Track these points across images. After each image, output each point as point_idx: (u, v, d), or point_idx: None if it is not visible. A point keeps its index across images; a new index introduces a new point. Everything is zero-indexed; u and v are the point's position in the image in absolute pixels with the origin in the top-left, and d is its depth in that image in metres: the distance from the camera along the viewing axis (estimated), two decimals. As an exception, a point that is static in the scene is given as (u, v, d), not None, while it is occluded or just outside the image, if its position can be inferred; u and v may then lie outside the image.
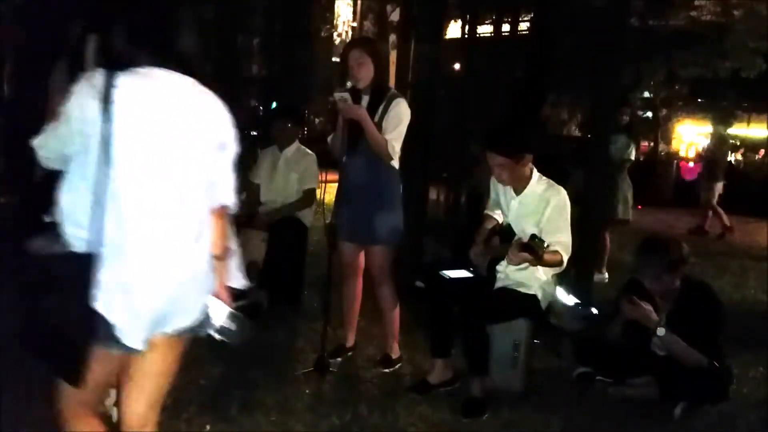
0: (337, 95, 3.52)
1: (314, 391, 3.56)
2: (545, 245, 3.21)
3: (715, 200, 9.80)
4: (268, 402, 3.37)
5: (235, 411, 3.26)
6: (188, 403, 3.30)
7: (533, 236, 3.25)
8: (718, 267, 7.36)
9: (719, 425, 3.53)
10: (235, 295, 3.94)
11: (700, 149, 15.81)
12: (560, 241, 3.38)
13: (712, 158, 9.89)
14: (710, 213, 9.92)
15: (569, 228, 3.48)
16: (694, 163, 13.41)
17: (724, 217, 9.79)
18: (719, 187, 9.86)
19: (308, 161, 4.97)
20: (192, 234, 1.99)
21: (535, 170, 3.57)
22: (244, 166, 5.31)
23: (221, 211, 2.10)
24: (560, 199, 3.48)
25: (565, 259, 3.42)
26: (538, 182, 3.55)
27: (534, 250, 3.18)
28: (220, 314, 2.15)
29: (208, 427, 3.10)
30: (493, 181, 3.74)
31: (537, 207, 3.50)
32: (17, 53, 5.64)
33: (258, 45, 11.02)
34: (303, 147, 5.05)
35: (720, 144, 10.22)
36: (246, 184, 5.13)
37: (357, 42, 4.21)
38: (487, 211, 3.86)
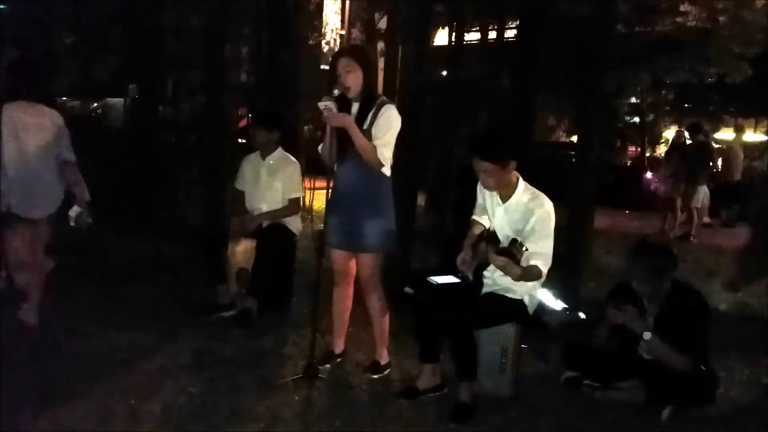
0: (321, 104, 3.53)
1: (303, 397, 3.56)
2: (524, 248, 3.21)
3: (695, 204, 9.85)
4: (257, 409, 3.37)
5: (224, 418, 3.26)
6: (177, 411, 3.30)
7: (514, 240, 3.25)
8: (705, 271, 7.40)
9: (706, 429, 3.56)
10: (226, 304, 4.10)
11: (662, 154, 15.82)
12: (540, 252, 3.36)
13: (695, 163, 9.88)
14: (678, 216, 10.00)
15: (551, 239, 3.46)
16: (653, 171, 13.33)
17: (694, 224, 9.86)
18: (702, 191, 9.89)
19: (291, 169, 4.95)
20: (50, 171, 4.10)
21: (521, 179, 3.57)
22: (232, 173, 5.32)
23: (69, 162, 4.16)
24: (544, 210, 3.46)
25: (545, 271, 3.43)
26: (524, 192, 3.54)
27: (512, 254, 3.18)
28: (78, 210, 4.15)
29: (196, 435, 3.10)
30: (480, 186, 3.75)
31: (522, 217, 3.49)
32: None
33: (246, 52, 11.02)
34: (286, 154, 5.01)
35: (703, 149, 10.18)
36: (233, 192, 5.15)
37: (346, 50, 4.21)
38: (474, 217, 3.87)
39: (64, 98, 11.83)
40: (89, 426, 3.12)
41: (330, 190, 3.76)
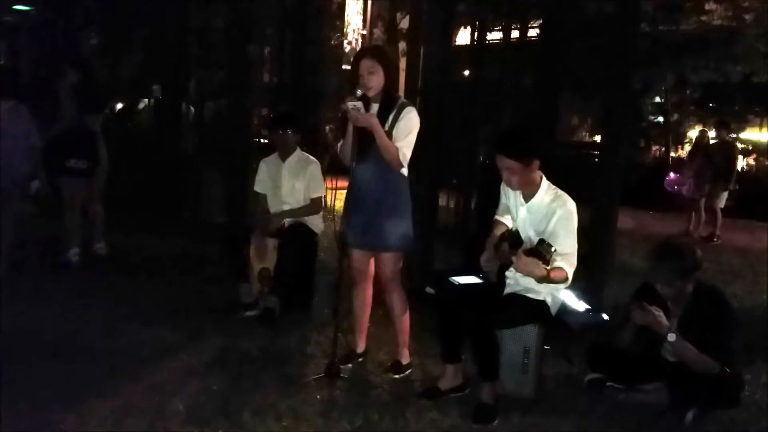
0: (350, 104, 3.53)
1: (325, 396, 3.58)
2: (552, 249, 3.18)
3: (719, 206, 9.77)
4: (279, 407, 3.39)
5: (247, 416, 3.28)
6: (201, 408, 3.33)
7: (541, 240, 3.23)
8: (730, 272, 7.32)
9: None
10: (249, 303, 4.15)
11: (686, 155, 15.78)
12: (563, 253, 3.33)
13: (719, 165, 9.79)
14: (702, 216, 9.92)
15: (574, 240, 3.43)
16: (674, 172, 13.24)
17: (718, 224, 9.79)
18: (725, 195, 9.81)
19: (312, 169, 4.97)
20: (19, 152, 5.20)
21: (544, 178, 3.55)
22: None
23: (34, 146, 5.33)
24: (566, 210, 3.44)
25: (570, 273, 3.39)
26: (546, 191, 3.52)
27: (542, 254, 3.15)
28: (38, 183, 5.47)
29: (220, 432, 3.13)
30: (503, 185, 3.74)
31: (543, 217, 3.47)
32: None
33: (268, 53, 11.08)
34: (305, 154, 5.04)
35: (728, 150, 10.06)
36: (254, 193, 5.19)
37: (368, 50, 4.19)
38: (497, 217, 3.85)
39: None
40: (114, 422, 3.16)
41: (348, 190, 3.78)
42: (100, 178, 6.21)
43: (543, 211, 3.49)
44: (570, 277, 3.40)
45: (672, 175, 13.00)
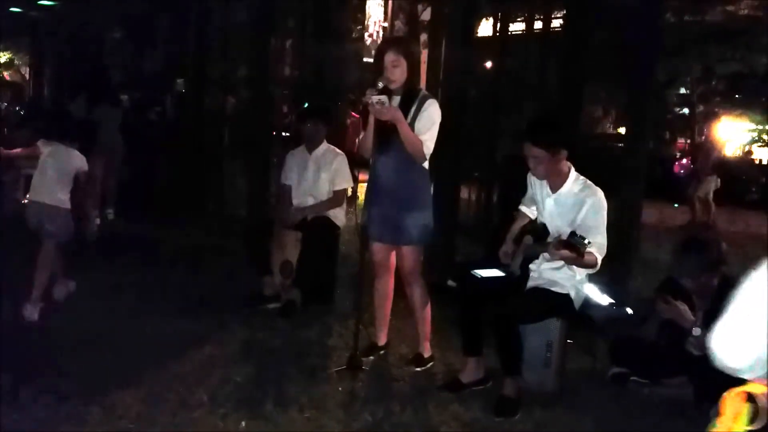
0: (374, 98, 3.51)
1: (347, 388, 3.59)
2: (586, 241, 3.16)
3: (710, 194, 10.02)
4: (302, 399, 3.40)
5: (270, 408, 3.30)
6: (224, 399, 3.35)
7: (573, 233, 3.19)
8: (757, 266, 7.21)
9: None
10: (271, 295, 4.14)
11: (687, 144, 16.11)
12: (595, 242, 3.30)
13: (706, 152, 10.07)
14: (697, 206, 10.10)
15: (605, 229, 3.42)
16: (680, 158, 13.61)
17: (712, 213, 9.96)
18: (713, 180, 10.02)
19: (338, 161, 4.98)
20: None
21: (572, 169, 3.52)
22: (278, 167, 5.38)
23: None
24: (596, 199, 3.42)
25: (599, 260, 3.37)
26: (575, 182, 3.50)
27: (576, 247, 3.11)
28: None
29: (243, 424, 3.14)
30: (530, 176, 3.71)
31: (572, 207, 3.45)
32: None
33: (289, 46, 11.10)
34: (332, 147, 5.05)
35: (713, 138, 10.40)
36: (278, 185, 5.20)
37: (392, 42, 4.14)
38: (521, 207, 3.82)
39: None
40: (138, 412, 3.19)
41: (369, 183, 3.78)
42: (102, 162, 6.83)
43: (571, 201, 3.47)
44: (599, 263, 3.38)
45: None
